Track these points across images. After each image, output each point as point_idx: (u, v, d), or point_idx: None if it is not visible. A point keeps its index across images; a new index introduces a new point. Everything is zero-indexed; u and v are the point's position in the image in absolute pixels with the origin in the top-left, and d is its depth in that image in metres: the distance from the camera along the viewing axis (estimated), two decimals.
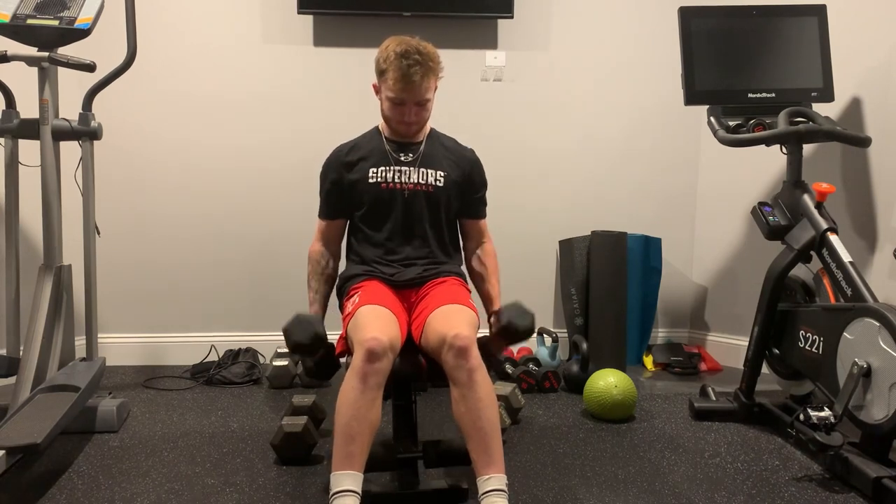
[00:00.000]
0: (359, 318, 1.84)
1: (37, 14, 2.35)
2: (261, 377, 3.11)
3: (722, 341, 3.46)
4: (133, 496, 1.98)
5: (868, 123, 2.83)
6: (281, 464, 2.21)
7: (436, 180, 2.08)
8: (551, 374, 2.99)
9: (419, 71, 1.93)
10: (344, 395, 1.72)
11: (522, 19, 3.36)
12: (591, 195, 3.49)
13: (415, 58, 1.92)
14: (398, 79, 1.94)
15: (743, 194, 3.29)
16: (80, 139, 2.48)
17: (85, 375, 2.31)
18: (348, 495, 1.66)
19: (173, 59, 3.26)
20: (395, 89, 1.95)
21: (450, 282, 2.04)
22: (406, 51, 1.93)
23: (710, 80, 2.71)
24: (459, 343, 1.73)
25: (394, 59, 1.93)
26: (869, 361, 2.04)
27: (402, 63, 1.92)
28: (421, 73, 1.93)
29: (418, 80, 1.94)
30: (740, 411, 2.61)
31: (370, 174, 2.06)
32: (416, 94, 1.97)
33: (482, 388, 1.74)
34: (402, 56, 1.92)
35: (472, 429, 1.73)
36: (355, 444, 1.69)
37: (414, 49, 1.93)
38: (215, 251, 3.35)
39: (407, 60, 1.92)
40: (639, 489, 2.05)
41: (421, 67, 1.93)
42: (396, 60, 1.93)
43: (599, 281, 3.19)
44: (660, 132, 3.49)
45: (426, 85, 1.97)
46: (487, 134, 3.34)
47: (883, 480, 1.93)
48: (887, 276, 2.72)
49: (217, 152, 3.31)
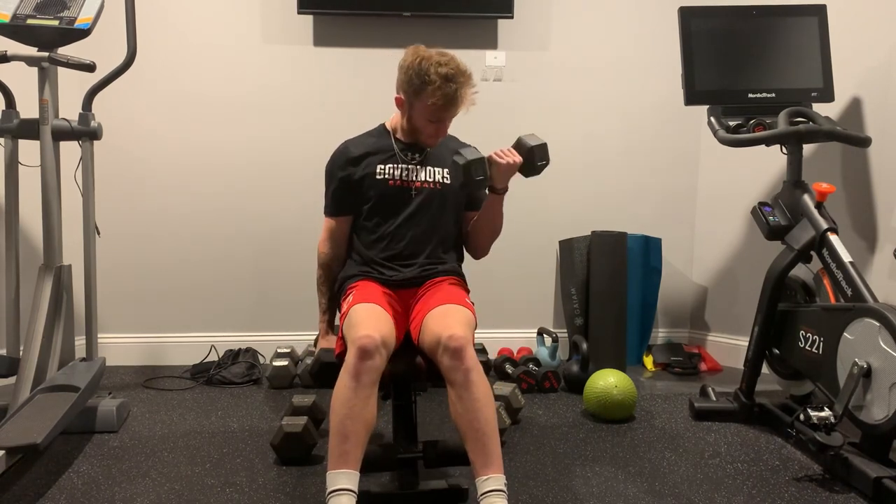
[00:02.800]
0: (352, 317, 1.84)
1: (37, 14, 2.35)
2: (261, 377, 3.11)
3: (722, 341, 3.46)
4: (133, 496, 1.98)
5: (868, 123, 2.83)
6: (281, 464, 2.21)
7: (443, 178, 2.10)
8: (551, 374, 2.99)
9: (463, 93, 1.95)
10: (338, 394, 1.72)
11: (522, 19, 3.36)
12: (591, 195, 3.49)
13: (460, 80, 1.93)
14: (444, 103, 1.94)
15: (743, 194, 3.29)
16: (80, 139, 2.48)
17: (85, 375, 2.31)
18: (344, 494, 1.66)
19: (173, 60, 3.26)
20: (439, 111, 1.96)
21: (448, 281, 2.04)
22: (451, 74, 1.92)
23: (711, 80, 2.71)
24: (454, 344, 1.73)
25: (439, 83, 1.91)
26: (869, 361, 2.04)
27: (450, 88, 1.92)
28: (465, 94, 1.96)
29: (452, 105, 1.96)
30: (740, 411, 2.61)
31: (378, 170, 2.06)
32: (456, 112, 2.00)
33: (479, 388, 1.74)
34: (448, 80, 1.91)
35: (470, 429, 1.73)
36: (350, 442, 1.69)
37: (457, 71, 1.93)
38: (215, 251, 3.35)
39: (454, 84, 1.92)
40: (639, 489, 2.05)
41: (464, 88, 1.95)
42: (443, 85, 1.91)
43: (599, 281, 3.19)
44: (660, 132, 3.49)
45: (457, 111, 2.00)
46: (487, 134, 3.31)
47: (883, 480, 1.93)
48: (887, 276, 2.72)
49: (217, 152, 3.31)
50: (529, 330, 3.41)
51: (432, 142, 2.07)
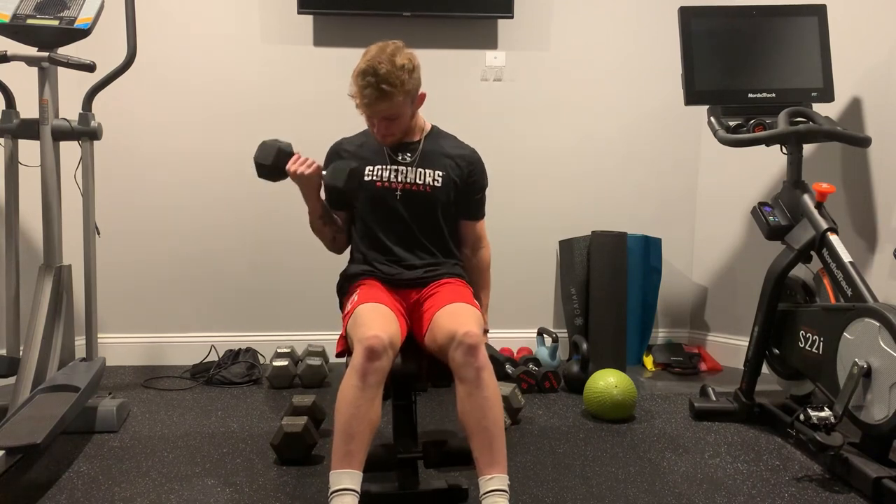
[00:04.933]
0: (358, 317, 1.84)
1: (37, 14, 2.35)
2: (261, 377, 3.11)
3: (722, 341, 3.46)
4: (133, 496, 1.98)
5: (868, 123, 2.83)
6: (281, 464, 2.21)
7: (433, 180, 2.06)
8: (551, 375, 2.99)
9: (373, 93, 1.87)
10: (343, 394, 1.72)
11: (522, 19, 3.35)
12: (591, 195, 3.49)
13: (369, 79, 1.86)
14: (358, 96, 1.91)
15: (743, 194, 3.29)
16: (80, 139, 2.48)
17: (85, 375, 2.31)
18: (347, 494, 1.66)
19: (173, 60, 3.26)
20: (365, 107, 1.93)
21: (454, 282, 2.04)
22: (364, 70, 1.88)
23: (711, 80, 2.72)
24: (469, 340, 1.73)
25: (355, 76, 1.90)
26: (869, 361, 2.04)
27: (359, 82, 1.89)
28: (375, 96, 1.87)
29: (372, 102, 1.90)
30: (740, 411, 2.61)
31: (367, 171, 2.06)
32: (376, 112, 1.93)
33: (489, 387, 1.74)
34: (360, 74, 1.89)
35: (477, 427, 1.73)
36: (354, 442, 1.69)
37: (371, 70, 1.86)
38: (215, 251, 3.35)
39: (362, 81, 1.88)
40: (639, 489, 2.05)
41: (373, 90, 1.86)
42: (356, 78, 1.90)
43: (599, 281, 3.19)
44: (660, 132, 3.49)
45: (383, 105, 1.90)
46: (487, 134, 3.33)
47: (883, 481, 1.93)
48: (887, 276, 2.72)
49: (217, 152, 3.31)
50: (529, 330, 3.41)
51: (380, 140, 2.02)
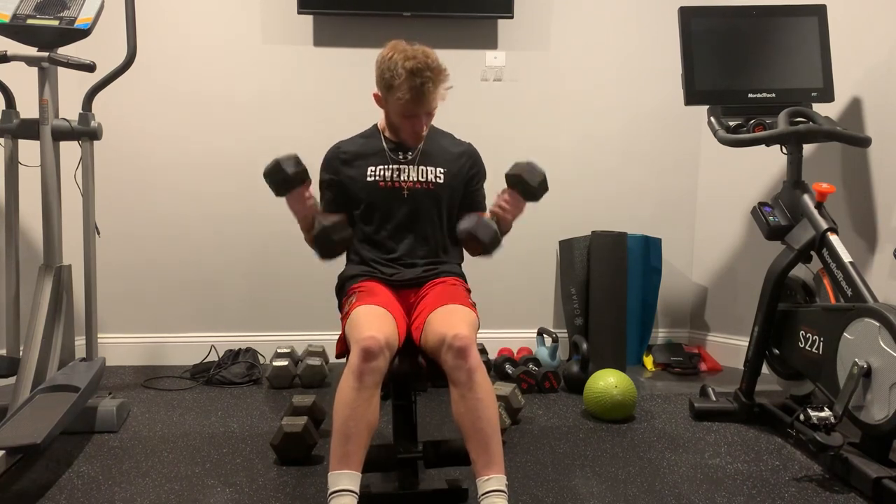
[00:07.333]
0: (356, 318, 1.84)
1: (37, 14, 2.35)
2: (261, 377, 3.11)
3: (722, 341, 3.46)
4: (133, 496, 1.98)
5: (868, 123, 2.83)
6: (281, 464, 2.21)
7: (436, 177, 2.07)
8: (551, 375, 2.99)
9: (431, 88, 1.92)
10: (341, 395, 1.72)
11: (522, 19, 3.35)
12: (591, 195, 3.49)
13: (427, 75, 1.90)
14: (412, 97, 1.92)
15: (743, 194, 3.29)
16: (80, 139, 2.48)
17: (85, 375, 2.31)
18: (345, 495, 1.66)
19: (173, 60, 3.26)
20: (409, 105, 1.94)
21: (449, 282, 2.04)
22: (418, 68, 1.89)
23: (710, 80, 2.71)
24: (459, 343, 1.73)
25: (406, 78, 1.90)
26: (869, 361, 2.04)
27: (415, 81, 1.90)
28: (433, 88, 1.93)
29: (431, 96, 1.94)
30: (740, 411, 2.61)
31: (368, 172, 2.06)
32: (428, 107, 1.97)
33: (482, 388, 1.74)
34: (413, 74, 1.89)
35: (472, 429, 1.73)
36: (352, 443, 1.69)
37: (424, 65, 1.90)
38: (215, 251, 3.35)
39: (420, 78, 1.89)
40: (639, 489, 2.05)
41: (433, 83, 1.92)
42: (409, 79, 1.90)
43: (599, 281, 3.19)
44: (660, 132, 3.49)
45: (434, 100, 1.96)
46: (487, 134, 3.31)
47: (883, 481, 1.93)
48: (887, 276, 2.72)
49: (217, 152, 3.31)
50: (529, 330, 3.41)
51: (412, 140, 2.05)
